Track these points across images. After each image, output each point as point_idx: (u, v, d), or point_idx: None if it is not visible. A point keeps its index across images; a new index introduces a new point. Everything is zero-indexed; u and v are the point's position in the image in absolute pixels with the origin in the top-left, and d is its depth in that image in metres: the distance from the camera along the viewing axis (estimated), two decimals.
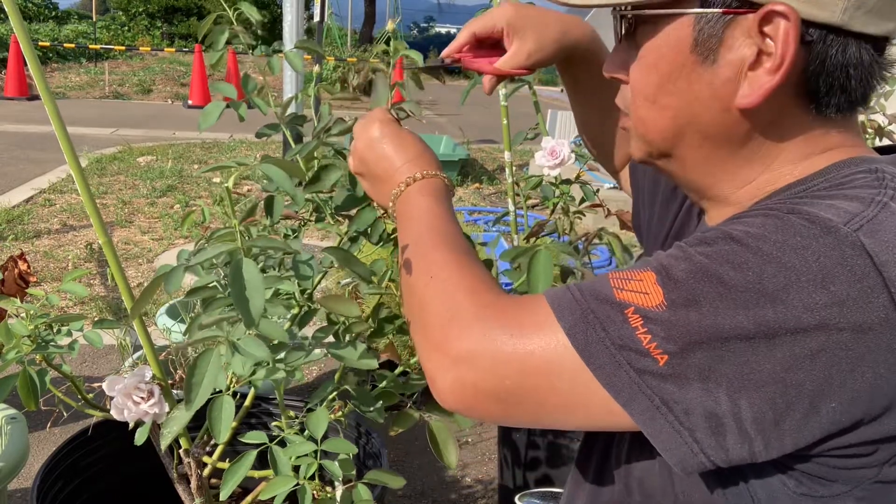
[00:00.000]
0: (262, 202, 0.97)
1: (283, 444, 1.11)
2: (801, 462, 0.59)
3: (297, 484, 1.03)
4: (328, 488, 1.05)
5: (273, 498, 1.04)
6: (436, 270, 0.72)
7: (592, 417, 0.61)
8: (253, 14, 1.05)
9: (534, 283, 0.86)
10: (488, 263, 1.06)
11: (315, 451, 1.06)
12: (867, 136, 1.94)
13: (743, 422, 0.55)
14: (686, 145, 0.68)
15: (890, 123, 1.92)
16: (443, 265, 0.73)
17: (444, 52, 0.96)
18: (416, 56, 1.05)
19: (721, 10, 0.61)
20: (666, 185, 0.91)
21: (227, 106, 1.03)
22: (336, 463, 1.06)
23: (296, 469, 1.06)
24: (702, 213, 0.80)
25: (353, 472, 1.08)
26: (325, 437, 1.07)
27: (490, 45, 0.94)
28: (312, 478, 1.05)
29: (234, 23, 1.06)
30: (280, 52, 1.16)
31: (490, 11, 0.93)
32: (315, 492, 1.03)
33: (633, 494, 0.73)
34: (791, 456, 0.58)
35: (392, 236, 1.05)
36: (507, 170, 1.93)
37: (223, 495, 1.05)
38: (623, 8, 0.67)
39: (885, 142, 1.94)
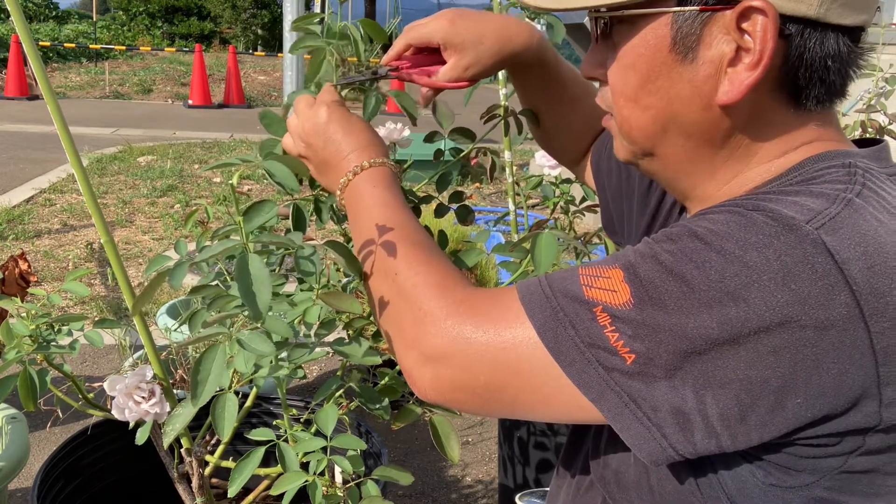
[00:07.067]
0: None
1: (287, 442, 1.11)
2: (770, 453, 0.60)
3: (307, 480, 1.04)
4: (337, 484, 1.05)
5: (279, 495, 1.04)
6: (401, 267, 0.73)
7: (564, 411, 0.63)
8: None
9: (538, 261, 0.86)
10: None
11: (324, 448, 1.07)
12: (867, 135, 1.94)
13: (709, 418, 0.56)
14: (668, 144, 0.68)
15: (890, 123, 1.91)
16: (408, 261, 0.73)
17: (383, 60, 0.92)
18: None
19: (698, 8, 0.61)
20: (641, 181, 0.91)
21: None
22: (346, 459, 1.06)
23: (303, 466, 1.06)
24: (683, 211, 0.80)
25: (363, 469, 1.08)
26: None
27: (430, 50, 0.90)
28: (322, 474, 1.05)
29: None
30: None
31: (426, 22, 0.89)
32: (324, 488, 1.04)
33: (609, 486, 0.73)
34: (759, 447, 0.59)
35: None
36: (507, 169, 1.93)
37: (231, 492, 1.06)
38: (598, 10, 0.67)
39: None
